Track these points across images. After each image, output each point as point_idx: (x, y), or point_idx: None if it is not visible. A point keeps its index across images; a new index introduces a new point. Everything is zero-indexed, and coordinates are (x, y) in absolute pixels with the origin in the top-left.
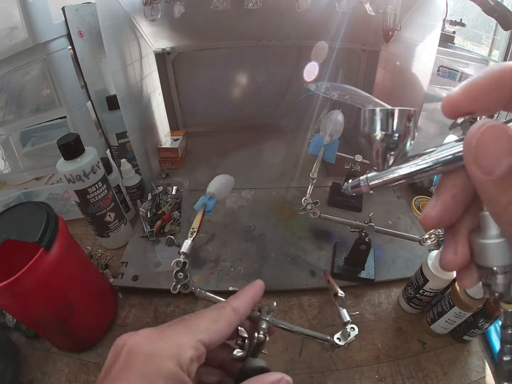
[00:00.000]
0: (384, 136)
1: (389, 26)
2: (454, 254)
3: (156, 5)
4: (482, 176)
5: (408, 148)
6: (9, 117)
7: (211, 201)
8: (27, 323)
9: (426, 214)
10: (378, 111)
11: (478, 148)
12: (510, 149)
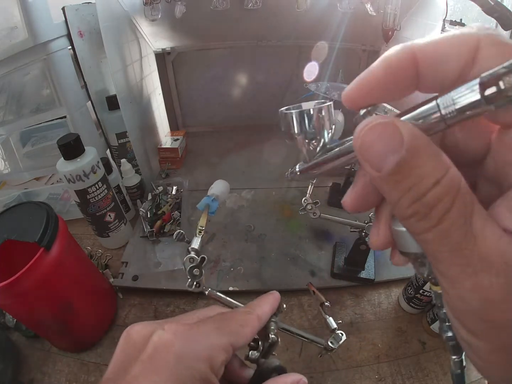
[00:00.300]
0: (301, 133)
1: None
2: (376, 236)
3: (156, 5)
4: (372, 172)
5: (328, 140)
6: (9, 117)
7: (214, 203)
8: (27, 323)
9: (343, 201)
10: (291, 113)
11: (363, 145)
12: (395, 147)
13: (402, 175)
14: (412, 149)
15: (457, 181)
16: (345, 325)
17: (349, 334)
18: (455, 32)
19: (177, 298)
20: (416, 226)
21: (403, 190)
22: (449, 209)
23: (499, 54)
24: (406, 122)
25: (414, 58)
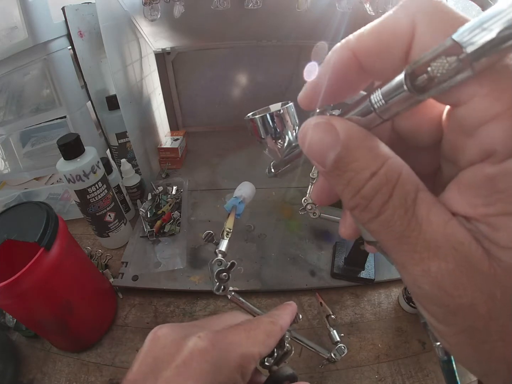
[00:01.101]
0: (266, 135)
1: None
2: (344, 228)
3: (155, 5)
4: (319, 168)
5: (292, 138)
6: (9, 117)
7: (241, 205)
8: (27, 323)
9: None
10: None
11: (308, 146)
12: (332, 144)
13: (341, 170)
14: (347, 144)
15: (396, 171)
16: (345, 325)
17: (349, 334)
18: (388, 15)
19: (177, 298)
20: (360, 217)
21: (344, 184)
22: (387, 200)
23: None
24: (342, 120)
25: (354, 57)
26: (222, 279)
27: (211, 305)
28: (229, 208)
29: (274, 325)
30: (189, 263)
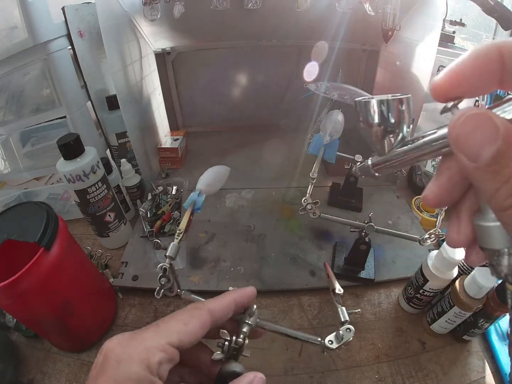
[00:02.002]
0: (381, 124)
1: (388, 26)
2: (457, 233)
3: (155, 5)
4: (468, 163)
5: (405, 133)
6: (9, 117)
7: (200, 197)
8: (27, 323)
9: (425, 195)
10: (373, 102)
11: (459, 136)
12: (492, 137)
13: (500, 165)
14: (508, 138)
15: None
16: None
17: None
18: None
19: (177, 298)
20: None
21: (501, 181)
22: None
23: None
24: (497, 114)
25: (500, 54)
26: (162, 284)
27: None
28: (188, 205)
29: (197, 310)
30: (189, 263)
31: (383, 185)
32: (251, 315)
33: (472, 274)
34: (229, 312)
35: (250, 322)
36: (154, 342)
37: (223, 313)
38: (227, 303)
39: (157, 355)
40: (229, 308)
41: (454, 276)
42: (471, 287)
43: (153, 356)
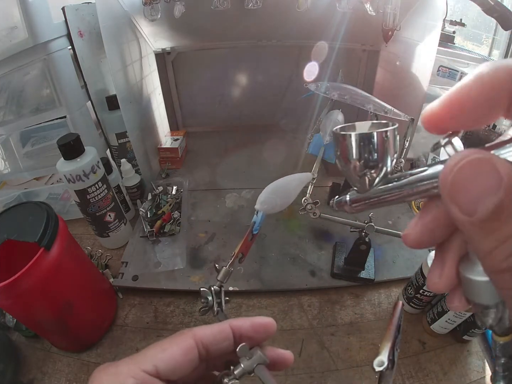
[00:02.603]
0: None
1: (388, 26)
2: (439, 278)
3: (156, 5)
4: (460, 216)
5: (389, 167)
6: (9, 117)
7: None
8: (27, 323)
9: (405, 235)
10: (352, 136)
11: (454, 185)
12: (495, 186)
13: (500, 222)
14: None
15: None
16: (345, 325)
17: (349, 334)
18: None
19: (177, 298)
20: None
21: (499, 240)
22: None
23: None
24: (501, 158)
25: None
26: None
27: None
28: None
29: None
30: (189, 263)
31: None
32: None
33: None
34: (224, 340)
35: (243, 364)
36: (126, 369)
37: (215, 339)
38: (220, 329)
39: (128, 381)
40: (223, 335)
41: None
42: None
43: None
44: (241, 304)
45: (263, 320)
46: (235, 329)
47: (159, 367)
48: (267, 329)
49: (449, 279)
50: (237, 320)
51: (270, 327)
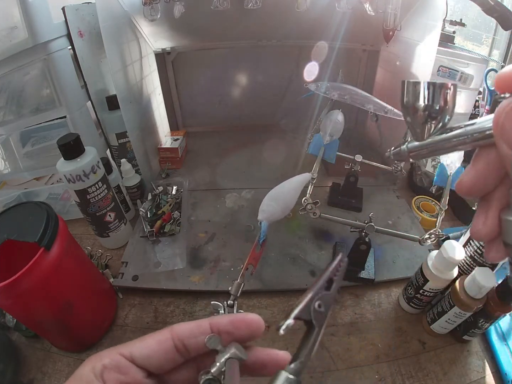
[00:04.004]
0: (426, 108)
1: (389, 26)
2: (483, 225)
3: (155, 5)
4: (508, 151)
5: (447, 121)
6: (9, 117)
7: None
8: (27, 323)
9: (460, 181)
10: (422, 83)
11: (505, 123)
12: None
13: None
14: None
15: None
16: (345, 325)
17: (349, 334)
18: None
19: (177, 298)
20: None
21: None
22: None
23: None
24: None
25: None
26: None
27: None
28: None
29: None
30: (189, 263)
31: (383, 185)
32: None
33: (472, 274)
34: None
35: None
36: (106, 353)
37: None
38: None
39: (104, 360)
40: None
41: (454, 276)
42: (471, 287)
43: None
44: (241, 304)
45: (245, 316)
46: (213, 324)
47: (134, 353)
48: (248, 325)
49: (492, 226)
50: (218, 316)
51: (253, 323)
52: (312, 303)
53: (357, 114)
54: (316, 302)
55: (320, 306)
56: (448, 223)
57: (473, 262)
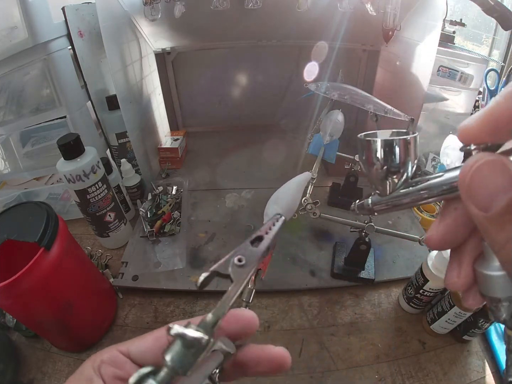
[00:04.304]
0: (385, 165)
1: (388, 26)
2: (457, 277)
3: (156, 5)
4: (477, 212)
5: (410, 173)
6: (9, 117)
7: None
8: (27, 323)
9: (429, 237)
10: (377, 142)
11: (472, 184)
12: (505, 185)
13: None
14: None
15: None
16: (345, 325)
17: (349, 334)
18: None
19: (177, 298)
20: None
21: None
22: None
23: None
24: None
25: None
26: None
27: (211, 305)
28: None
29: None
30: (189, 263)
31: None
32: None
33: None
34: None
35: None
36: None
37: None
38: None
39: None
40: None
41: None
42: None
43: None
44: (241, 304)
45: (237, 311)
46: None
47: (130, 349)
48: (240, 320)
49: (467, 277)
50: None
51: (244, 319)
52: (232, 258)
53: (357, 114)
54: (236, 256)
55: (240, 261)
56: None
57: None
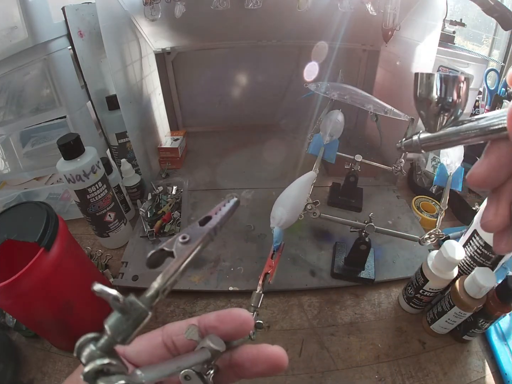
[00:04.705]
0: (440, 100)
1: (388, 26)
2: (494, 215)
3: (156, 5)
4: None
5: (459, 114)
6: (9, 117)
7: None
8: (27, 323)
9: (472, 173)
10: (436, 76)
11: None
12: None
13: None
14: None
15: None
16: (345, 325)
17: (349, 334)
18: None
19: (177, 298)
20: None
21: None
22: None
23: None
24: None
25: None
26: None
27: (211, 305)
28: None
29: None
30: None
31: (383, 185)
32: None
33: (472, 274)
34: None
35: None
36: None
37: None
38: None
39: None
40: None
41: (454, 276)
42: (471, 287)
43: None
44: (241, 304)
45: (231, 310)
46: (200, 319)
47: (126, 349)
48: (233, 319)
49: (503, 217)
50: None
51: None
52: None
53: (357, 114)
54: (180, 235)
55: (184, 238)
56: (448, 223)
57: (473, 262)
